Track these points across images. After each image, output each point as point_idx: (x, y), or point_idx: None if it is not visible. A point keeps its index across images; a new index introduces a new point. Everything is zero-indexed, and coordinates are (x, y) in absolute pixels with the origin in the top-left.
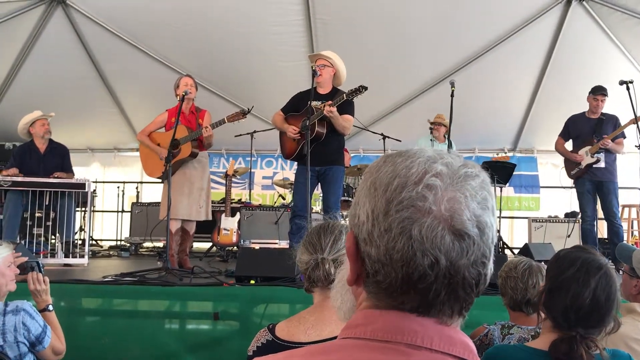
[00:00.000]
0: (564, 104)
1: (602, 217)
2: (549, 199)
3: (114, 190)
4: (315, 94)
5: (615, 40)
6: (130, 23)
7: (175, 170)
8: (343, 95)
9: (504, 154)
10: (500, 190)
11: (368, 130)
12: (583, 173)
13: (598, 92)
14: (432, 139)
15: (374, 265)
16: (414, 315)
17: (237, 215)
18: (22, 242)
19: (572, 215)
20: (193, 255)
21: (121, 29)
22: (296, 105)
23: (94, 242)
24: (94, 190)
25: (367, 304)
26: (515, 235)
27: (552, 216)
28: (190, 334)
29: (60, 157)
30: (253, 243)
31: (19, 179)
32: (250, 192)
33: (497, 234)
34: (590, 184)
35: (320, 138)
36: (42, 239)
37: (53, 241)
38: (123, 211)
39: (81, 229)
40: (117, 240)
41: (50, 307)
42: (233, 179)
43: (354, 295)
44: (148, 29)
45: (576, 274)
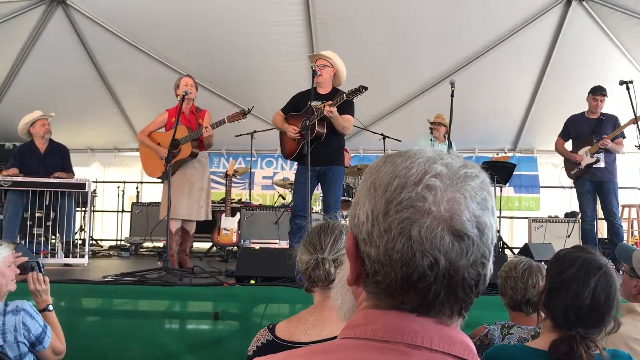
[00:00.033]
0: (564, 104)
1: (602, 217)
2: (549, 199)
3: (114, 190)
4: (315, 94)
5: (615, 40)
6: (131, 23)
7: (175, 170)
8: (343, 95)
9: (504, 154)
10: (500, 190)
11: (368, 130)
12: (583, 173)
13: (597, 92)
14: (432, 139)
15: (374, 266)
16: (413, 315)
17: (237, 215)
18: (22, 242)
19: (572, 215)
20: (193, 255)
21: (121, 29)
22: (296, 105)
23: (94, 242)
24: (94, 190)
25: (367, 304)
26: (515, 235)
27: (552, 216)
28: (191, 334)
29: (60, 157)
30: (253, 243)
31: (19, 179)
32: (250, 192)
33: (497, 234)
34: (590, 184)
35: (321, 138)
36: (42, 239)
37: (53, 241)
38: (123, 211)
39: (81, 229)
40: (117, 240)
41: (51, 307)
42: (233, 179)
43: (354, 295)
44: (148, 29)
45: (576, 274)
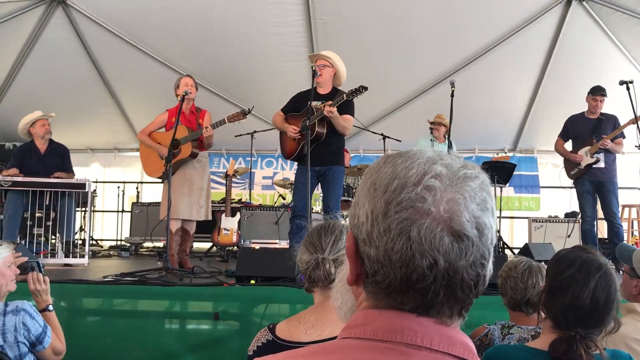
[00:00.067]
0: (564, 104)
1: (602, 217)
2: (549, 199)
3: (114, 190)
4: (315, 94)
5: (615, 40)
6: (131, 23)
7: (175, 170)
8: (343, 96)
9: (504, 154)
10: (501, 190)
11: (368, 131)
12: (583, 173)
13: (597, 92)
14: (432, 139)
15: (373, 266)
16: (413, 316)
17: (237, 215)
18: (22, 242)
19: (572, 215)
20: (193, 255)
21: (121, 29)
22: (296, 105)
23: (94, 242)
24: (94, 190)
25: (366, 304)
26: (515, 235)
27: (552, 216)
28: (191, 334)
29: (60, 157)
30: (253, 243)
31: (19, 179)
32: (250, 192)
33: (497, 234)
34: (589, 184)
35: (321, 138)
36: (43, 239)
37: (53, 241)
38: (123, 211)
39: (81, 229)
40: (117, 240)
41: (51, 307)
42: (233, 179)
43: (354, 295)
44: (148, 29)
45: (576, 274)
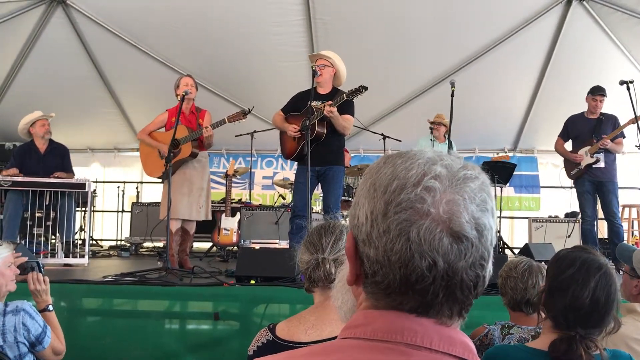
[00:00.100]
0: (564, 104)
1: (603, 217)
2: (549, 199)
3: (114, 190)
4: (315, 94)
5: (615, 40)
6: (131, 23)
7: (175, 170)
8: (343, 96)
9: (504, 153)
10: (501, 190)
11: (368, 130)
12: (583, 173)
13: (597, 92)
14: (432, 138)
15: (373, 266)
16: (413, 316)
17: (237, 215)
18: (22, 242)
19: (572, 215)
20: (193, 255)
21: (121, 29)
22: (296, 105)
23: (94, 242)
24: (94, 190)
25: (366, 304)
26: (515, 235)
27: (553, 216)
28: (191, 334)
29: (60, 157)
30: (253, 243)
31: (19, 179)
32: (250, 192)
33: (497, 234)
34: (590, 184)
35: (321, 138)
36: (42, 239)
37: (53, 241)
38: (123, 211)
39: (81, 229)
40: (117, 240)
41: (50, 307)
42: (233, 179)
43: (354, 295)
44: (148, 29)
45: (576, 274)
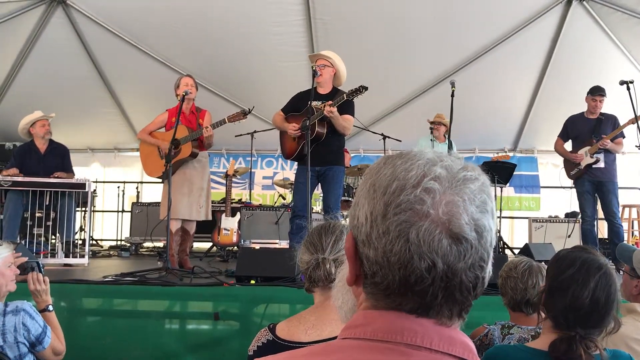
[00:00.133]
0: (565, 104)
1: (603, 217)
2: (549, 199)
3: (114, 190)
4: (315, 94)
5: (615, 40)
6: (131, 23)
7: (175, 170)
8: (343, 96)
9: (504, 153)
10: (501, 190)
11: (368, 131)
12: (582, 173)
13: (596, 92)
14: (432, 138)
15: (372, 267)
16: (413, 316)
17: (238, 215)
18: (22, 242)
19: (572, 216)
20: (193, 255)
21: (121, 29)
22: (296, 105)
23: (94, 242)
24: (94, 190)
25: (366, 305)
26: (515, 235)
27: (553, 216)
28: (191, 334)
29: (60, 157)
30: (253, 243)
31: (19, 179)
32: (250, 192)
33: (497, 235)
34: (589, 184)
35: (321, 138)
36: (43, 239)
37: (53, 241)
38: (123, 211)
39: (81, 229)
40: (117, 240)
41: (50, 308)
42: (233, 179)
43: (354, 295)
44: (148, 29)
45: (576, 274)
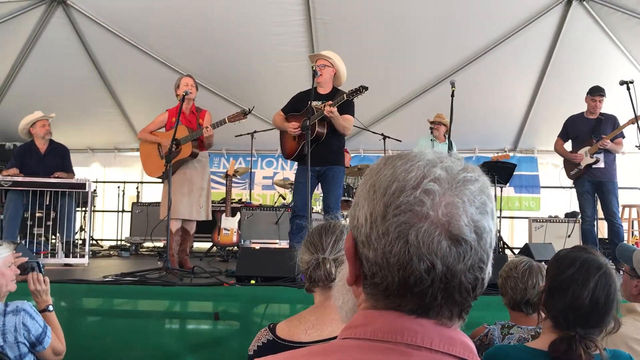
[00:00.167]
0: (565, 104)
1: (603, 217)
2: (549, 199)
3: (114, 190)
4: (315, 94)
5: (615, 41)
6: (131, 23)
7: (175, 170)
8: (343, 96)
9: (504, 153)
10: (501, 190)
11: (368, 131)
12: (582, 173)
13: (596, 92)
14: (432, 138)
15: (372, 268)
16: (413, 317)
17: (238, 215)
18: (22, 242)
19: (572, 216)
20: (193, 255)
21: (122, 29)
22: (296, 105)
23: (95, 242)
24: (95, 190)
25: (366, 305)
26: (515, 235)
27: (553, 216)
28: (191, 334)
29: (60, 157)
30: (253, 243)
31: (19, 179)
32: (250, 192)
33: (497, 235)
34: (589, 184)
35: (321, 138)
36: (43, 239)
37: (53, 241)
38: (123, 211)
39: (81, 229)
40: (117, 240)
41: (51, 308)
42: (233, 179)
43: (354, 295)
44: (148, 29)
45: (575, 274)
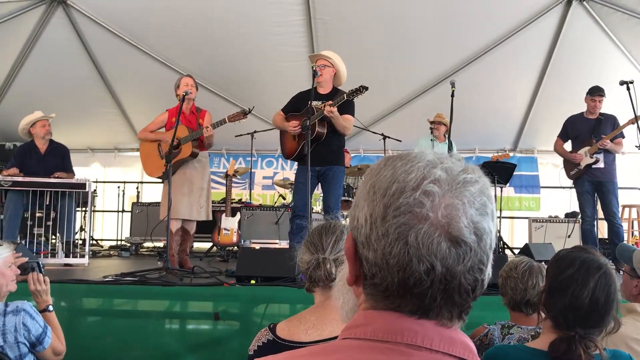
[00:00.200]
0: (565, 104)
1: (602, 217)
2: (549, 199)
3: (114, 190)
4: (315, 94)
5: (615, 41)
6: (131, 23)
7: (175, 170)
8: (343, 96)
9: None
10: (501, 190)
11: (368, 131)
12: (582, 173)
13: (595, 92)
14: (432, 138)
15: (371, 269)
16: (413, 317)
17: (238, 215)
18: (22, 242)
19: (572, 216)
20: (193, 255)
21: (122, 29)
22: (296, 105)
23: (95, 242)
24: (95, 190)
25: (366, 305)
26: (515, 235)
27: (553, 216)
28: (191, 334)
29: (60, 157)
30: (253, 243)
31: (19, 179)
32: (250, 192)
33: (497, 235)
34: (589, 184)
35: (321, 138)
36: (43, 239)
37: (53, 241)
38: (123, 211)
39: (81, 229)
40: (117, 240)
41: (51, 308)
42: (233, 179)
43: (355, 294)
44: (148, 29)
45: (575, 274)
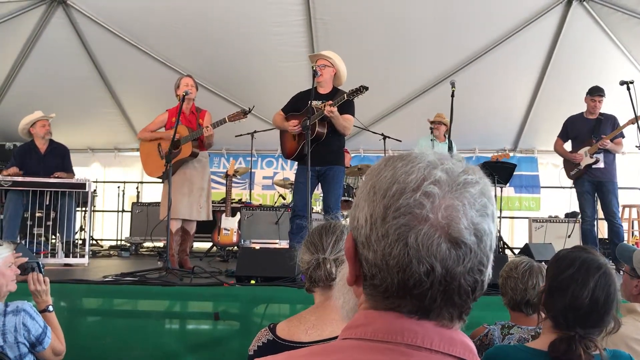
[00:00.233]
0: (565, 104)
1: (603, 217)
2: (549, 199)
3: (114, 190)
4: (315, 93)
5: (615, 41)
6: (131, 23)
7: (175, 170)
8: (344, 95)
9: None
10: (501, 190)
11: (368, 131)
12: (582, 173)
13: (595, 93)
14: (432, 138)
15: (371, 269)
16: (413, 318)
17: (238, 215)
18: (22, 242)
19: (572, 216)
20: (193, 255)
21: (122, 29)
22: (296, 105)
23: (95, 242)
24: (94, 190)
25: (367, 305)
26: (515, 235)
27: (553, 216)
28: (191, 334)
29: (60, 157)
30: (253, 243)
31: (19, 178)
32: (250, 192)
33: (498, 235)
34: (589, 184)
35: (321, 138)
36: (43, 238)
37: (53, 241)
38: (123, 211)
39: (81, 229)
40: (117, 240)
41: (51, 308)
42: (233, 179)
43: (355, 294)
44: (148, 29)
45: (575, 274)
